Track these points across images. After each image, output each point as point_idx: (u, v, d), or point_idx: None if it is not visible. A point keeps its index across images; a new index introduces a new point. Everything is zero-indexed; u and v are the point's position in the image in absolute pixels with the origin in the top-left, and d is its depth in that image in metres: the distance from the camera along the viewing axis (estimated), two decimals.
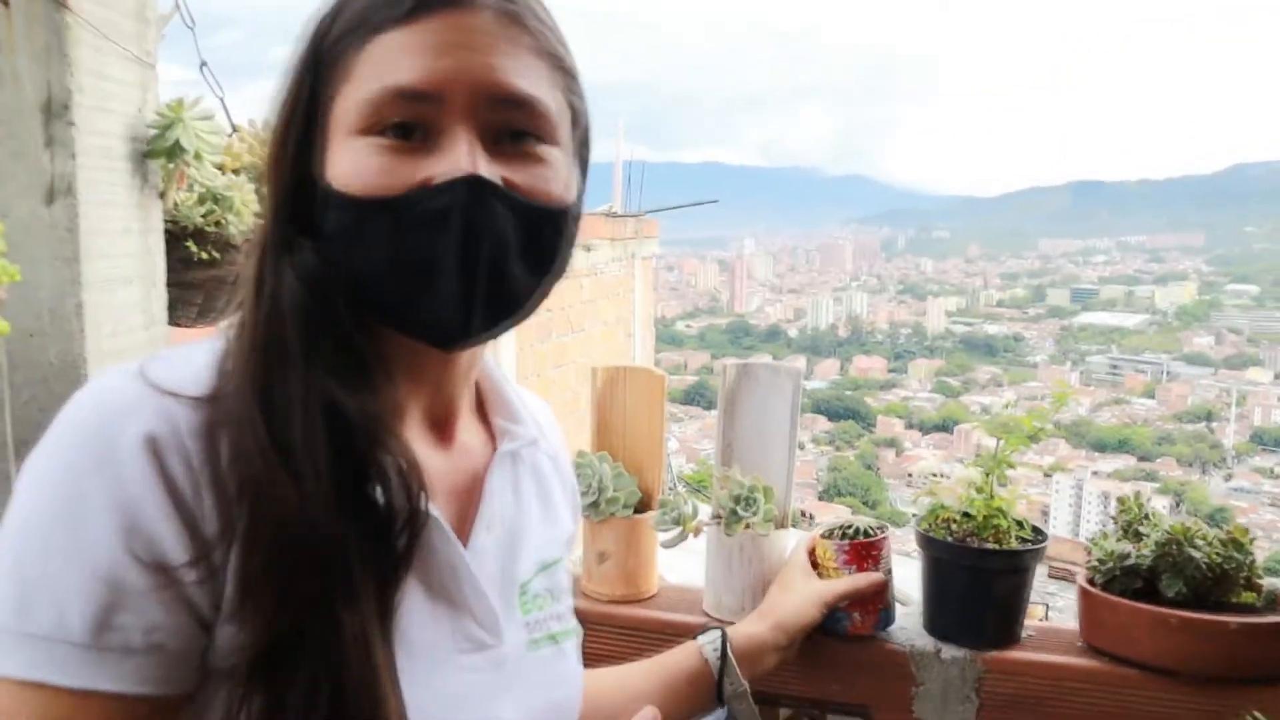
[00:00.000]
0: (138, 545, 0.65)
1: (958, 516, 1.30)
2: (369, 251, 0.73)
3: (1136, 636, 1.22)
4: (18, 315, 1.28)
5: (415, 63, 0.71)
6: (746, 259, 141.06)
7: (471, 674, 0.80)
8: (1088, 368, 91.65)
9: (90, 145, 1.32)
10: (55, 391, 1.32)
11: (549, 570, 0.92)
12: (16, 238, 1.26)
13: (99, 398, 0.69)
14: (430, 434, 0.85)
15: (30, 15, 1.27)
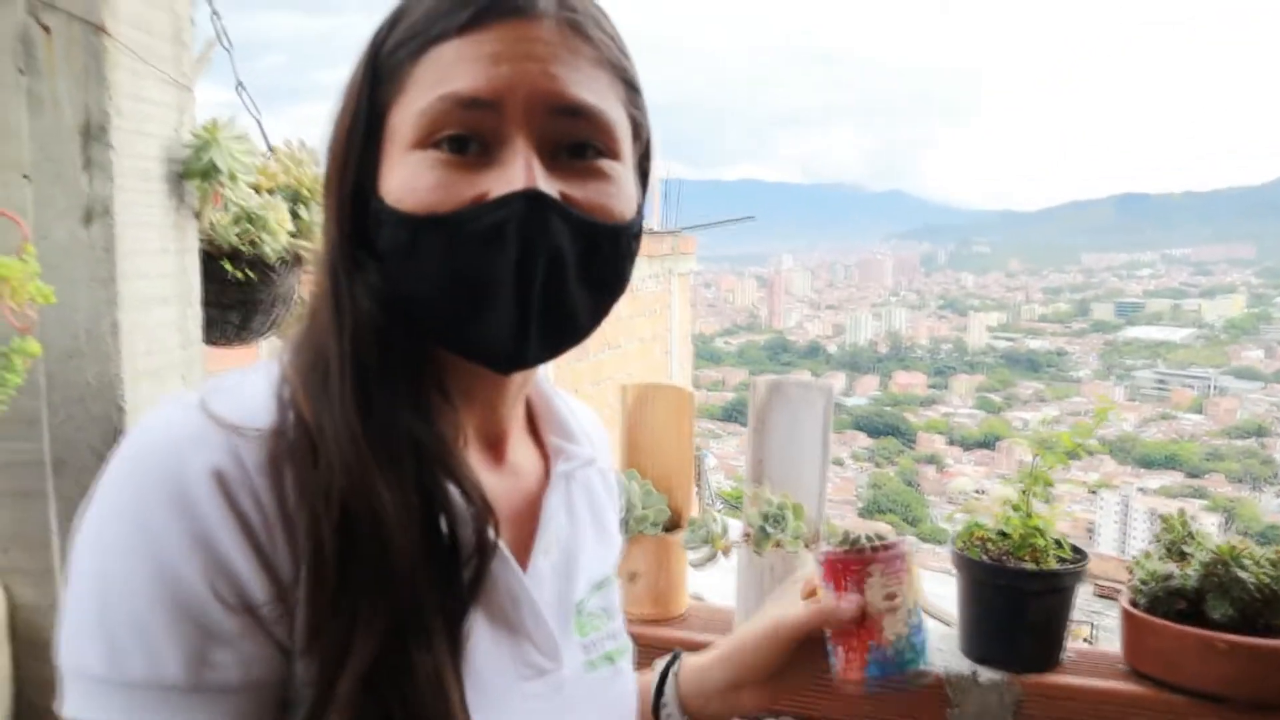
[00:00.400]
0: (220, 583, 0.64)
1: (994, 536, 1.28)
2: (423, 271, 0.70)
3: (1182, 661, 1.19)
4: (55, 336, 1.29)
5: (472, 71, 0.68)
6: (785, 275, 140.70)
7: (534, 701, 0.78)
8: (1133, 383, 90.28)
9: (128, 167, 1.34)
10: (92, 411, 1.34)
11: (602, 589, 0.91)
12: (55, 259, 1.28)
13: (163, 431, 0.67)
14: (484, 454, 0.83)
15: (70, 40, 1.29)
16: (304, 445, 0.68)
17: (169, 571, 0.63)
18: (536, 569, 0.80)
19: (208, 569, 0.64)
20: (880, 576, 0.90)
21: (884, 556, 0.91)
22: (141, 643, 0.63)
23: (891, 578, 0.91)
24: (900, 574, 0.91)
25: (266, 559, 0.65)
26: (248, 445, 0.66)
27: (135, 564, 0.64)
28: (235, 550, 0.64)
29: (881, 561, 0.90)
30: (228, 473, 0.65)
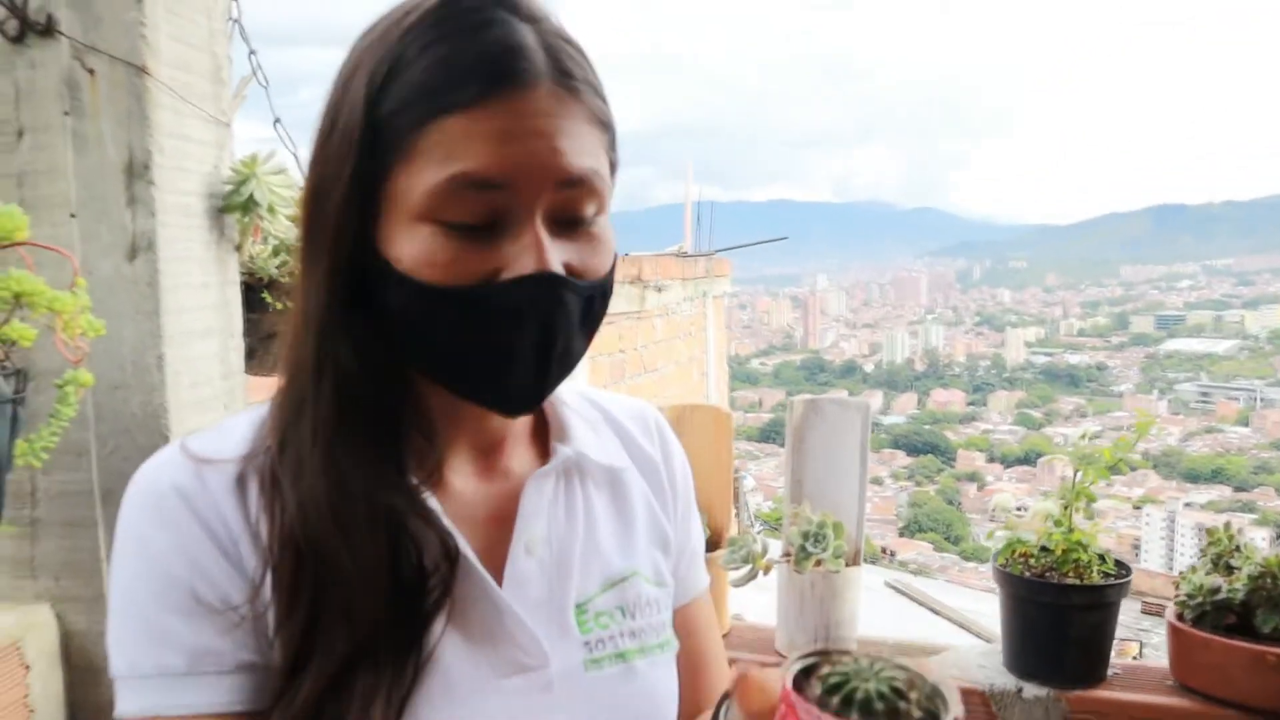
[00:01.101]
0: (202, 583, 0.74)
1: (1035, 551, 1.27)
2: (443, 337, 0.75)
3: (1231, 675, 1.17)
4: (103, 368, 1.32)
5: (482, 151, 0.70)
6: (820, 295, 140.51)
7: (514, 696, 0.80)
8: (1176, 396, 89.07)
9: (169, 203, 1.37)
10: (138, 442, 1.37)
11: (619, 586, 0.90)
12: (100, 294, 1.31)
13: (145, 468, 0.79)
14: (475, 462, 0.87)
15: (113, 81, 1.32)
16: (266, 467, 0.77)
17: (163, 573, 0.74)
18: (516, 570, 0.83)
19: (191, 569, 0.74)
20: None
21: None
22: (147, 640, 0.74)
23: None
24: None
25: (238, 563, 0.75)
26: (213, 470, 0.77)
27: (135, 577, 0.76)
28: (208, 555, 0.75)
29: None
30: (190, 489, 0.76)
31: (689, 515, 1.04)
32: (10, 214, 1.00)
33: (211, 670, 0.74)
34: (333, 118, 0.77)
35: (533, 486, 0.86)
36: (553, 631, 0.84)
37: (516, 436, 0.90)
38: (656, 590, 0.94)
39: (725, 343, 9.10)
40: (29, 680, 1.35)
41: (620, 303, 5.33)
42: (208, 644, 0.74)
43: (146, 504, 0.76)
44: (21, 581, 1.41)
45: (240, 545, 0.75)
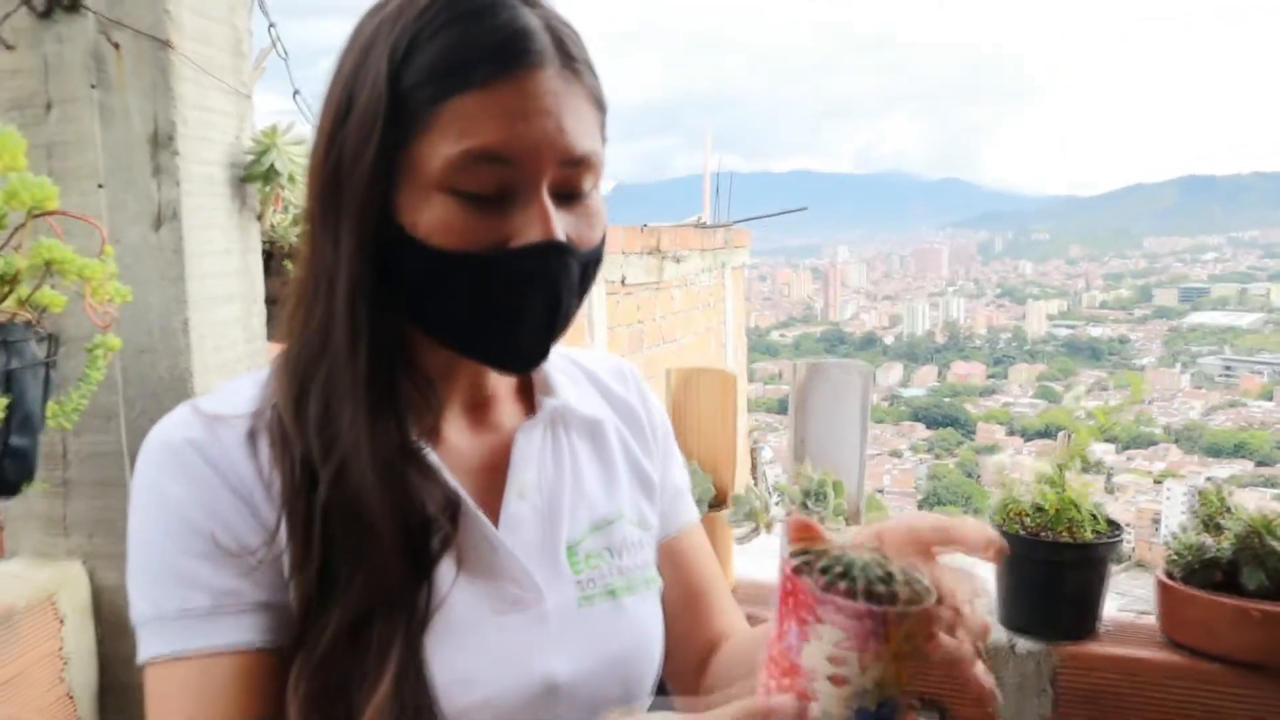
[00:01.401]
0: (219, 529, 0.79)
1: (1030, 510, 1.31)
2: (457, 300, 0.80)
3: (1217, 630, 1.21)
4: (130, 333, 1.37)
5: (495, 127, 0.76)
6: (840, 267, 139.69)
7: (512, 631, 0.85)
8: (1199, 369, 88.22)
9: (193, 173, 1.41)
10: (165, 404, 1.41)
11: (605, 528, 0.96)
12: (128, 261, 1.36)
13: (159, 427, 0.83)
14: (467, 415, 0.93)
15: (138, 56, 1.36)
16: (274, 422, 0.82)
17: (183, 521, 0.79)
18: (510, 514, 0.89)
19: (209, 516, 0.79)
20: (829, 632, 0.58)
21: (849, 617, 0.58)
22: (171, 583, 0.78)
23: (850, 653, 0.58)
24: (868, 651, 0.58)
25: (254, 510, 0.80)
26: (225, 426, 0.82)
27: (154, 526, 0.80)
28: (225, 503, 0.79)
29: (840, 613, 0.58)
30: (204, 442, 0.80)
31: (669, 455, 1.10)
32: (41, 185, 1.04)
33: (233, 609, 0.78)
34: (349, 92, 0.80)
35: (523, 437, 0.92)
36: (547, 571, 0.89)
37: (504, 392, 0.97)
38: (640, 532, 1.00)
39: (744, 314, 9.09)
40: (63, 633, 1.41)
41: (639, 273, 5.35)
42: (228, 584, 0.78)
43: (163, 458, 0.81)
44: (55, 539, 1.47)
45: (255, 494, 0.80)
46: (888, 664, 0.58)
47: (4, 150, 1.02)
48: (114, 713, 1.47)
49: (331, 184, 0.81)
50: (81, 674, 1.44)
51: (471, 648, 0.83)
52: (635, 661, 0.94)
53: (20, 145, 1.03)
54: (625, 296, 5.20)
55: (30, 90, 1.37)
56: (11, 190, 1.02)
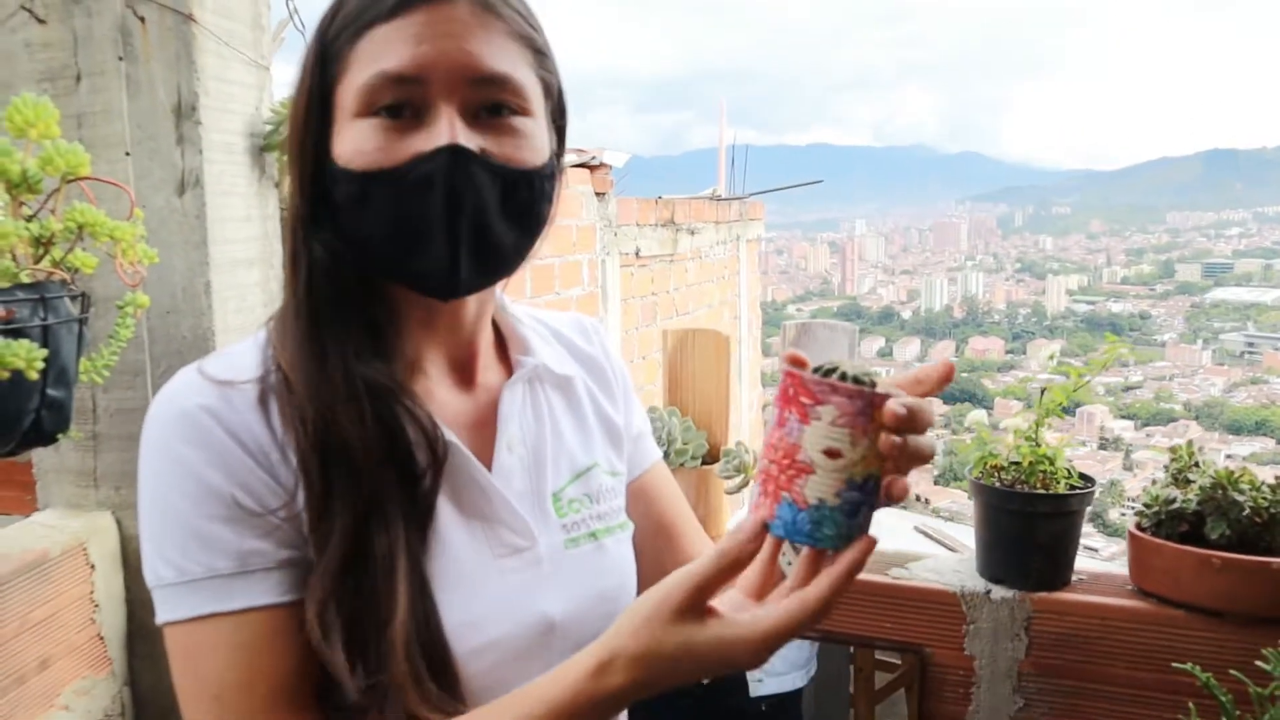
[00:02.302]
0: (240, 491, 0.81)
1: (1006, 465, 1.37)
2: (373, 218, 0.85)
3: (1182, 578, 1.27)
4: (156, 294, 1.43)
5: (401, 51, 0.82)
6: (858, 240, 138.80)
7: (511, 575, 0.91)
8: (1221, 345, 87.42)
9: (215, 142, 1.46)
10: (188, 362, 1.48)
11: (583, 477, 1.03)
12: (154, 226, 1.42)
13: (169, 391, 0.85)
14: (453, 376, 0.98)
15: (162, 28, 1.41)
16: (282, 384, 0.84)
17: (203, 485, 0.80)
18: (501, 463, 0.95)
19: (229, 480, 0.80)
20: (828, 421, 0.67)
21: (842, 397, 0.67)
22: (196, 547, 0.80)
23: (843, 428, 0.67)
24: (858, 429, 0.67)
25: (272, 472, 0.82)
26: (236, 392, 0.83)
27: (172, 491, 0.81)
28: (244, 466, 0.81)
29: (838, 401, 0.67)
30: (218, 407, 0.82)
31: (630, 402, 1.15)
32: (74, 151, 1.09)
33: (258, 568, 0.81)
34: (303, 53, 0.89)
35: (507, 394, 0.98)
36: (537, 516, 0.95)
37: (486, 352, 1.01)
38: (612, 480, 1.07)
39: (758, 287, 9.09)
40: (94, 579, 1.48)
41: (652, 245, 5.38)
42: (251, 545, 0.81)
43: (178, 424, 0.81)
44: (86, 490, 1.53)
45: (271, 456, 0.82)
46: (873, 440, 0.67)
47: (39, 119, 1.07)
48: (140, 655, 1.55)
49: (289, 140, 0.89)
50: (111, 618, 1.51)
51: (478, 591, 0.88)
52: (618, 598, 1.00)
53: (54, 115, 1.09)
54: (639, 269, 5.24)
55: (61, 63, 1.43)
56: (46, 157, 1.08)
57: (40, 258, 1.11)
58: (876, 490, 0.69)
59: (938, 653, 1.39)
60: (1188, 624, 1.27)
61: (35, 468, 1.56)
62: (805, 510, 0.69)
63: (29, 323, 1.05)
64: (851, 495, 0.68)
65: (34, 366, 1.01)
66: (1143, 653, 1.30)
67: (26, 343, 1.01)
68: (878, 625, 1.42)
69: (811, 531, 0.69)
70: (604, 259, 4.51)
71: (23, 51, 1.43)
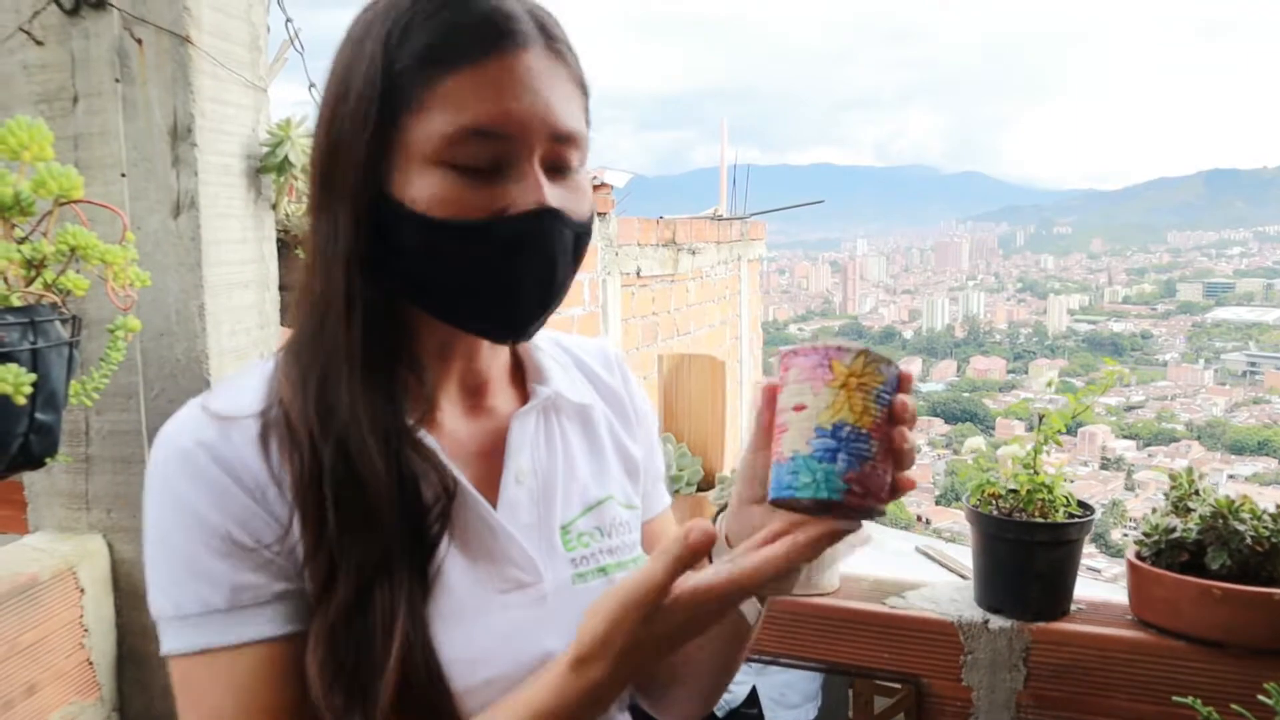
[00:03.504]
0: (235, 526, 0.80)
1: (1004, 492, 1.35)
2: (450, 268, 0.83)
3: (1182, 608, 1.26)
4: (149, 317, 1.42)
5: (488, 105, 0.80)
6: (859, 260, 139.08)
7: (515, 610, 0.89)
8: (1223, 365, 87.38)
9: (211, 163, 1.46)
10: (182, 385, 1.47)
11: (596, 509, 1.00)
12: (148, 248, 1.41)
13: (170, 427, 0.85)
14: (463, 402, 0.96)
15: (159, 50, 1.41)
16: (282, 419, 0.84)
17: (199, 521, 0.80)
18: (508, 497, 0.93)
19: (224, 516, 0.80)
20: (794, 382, 0.74)
21: (795, 359, 0.75)
22: (191, 582, 0.80)
23: (805, 383, 0.73)
24: (817, 382, 0.73)
25: (267, 507, 0.81)
26: (236, 427, 0.83)
27: (171, 527, 0.81)
28: (239, 502, 0.81)
29: (798, 361, 0.75)
30: (216, 444, 0.81)
31: (652, 439, 1.13)
32: (67, 174, 1.09)
33: (252, 602, 0.81)
34: (346, 79, 0.84)
35: (517, 423, 0.96)
36: (544, 551, 0.93)
37: (498, 378, 1.00)
38: (627, 513, 1.04)
39: (759, 307, 9.09)
40: (84, 603, 1.46)
41: (653, 265, 5.38)
42: (246, 580, 0.80)
43: (175, 461, 0.82)
44: (77, 513, 1.52)
45: (267, 492, 0.81)
46: (836, 392, 0.71)
47: (33, 142, 1.07)
48: (130, 680, 1.53)
49: (328, 168, 0.85)
50: (101, 643, 1.49)
51: (478, 628, 0.87)
52: None
53: (47, 137, 1.08)
54: (640, 288, 5.24)
55: (59, 84, 1.42)
56: (40, 180, 1.07)
57: (32, 280, 1.10)
58: (859, 439, 0.71)
59: (935, 683, 1.38)
60: (1188, 655, 1.26)
61: (26, 490, 1.55)
62: (784, 464, 0.72)
63: (18, 346, 1.04)
64: (823, 442, 0.71)
65: (22, 391, 1.01)
66: (1143, 684, 1.28)
67: (15, 367, 1.01)
68: (875, 655, 1.40)
69: (791, 483, 0.72)
70: (605, 279, 4.51)
71: (20, 73, 1.43)
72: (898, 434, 0.73)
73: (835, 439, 0.71)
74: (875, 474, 0.71)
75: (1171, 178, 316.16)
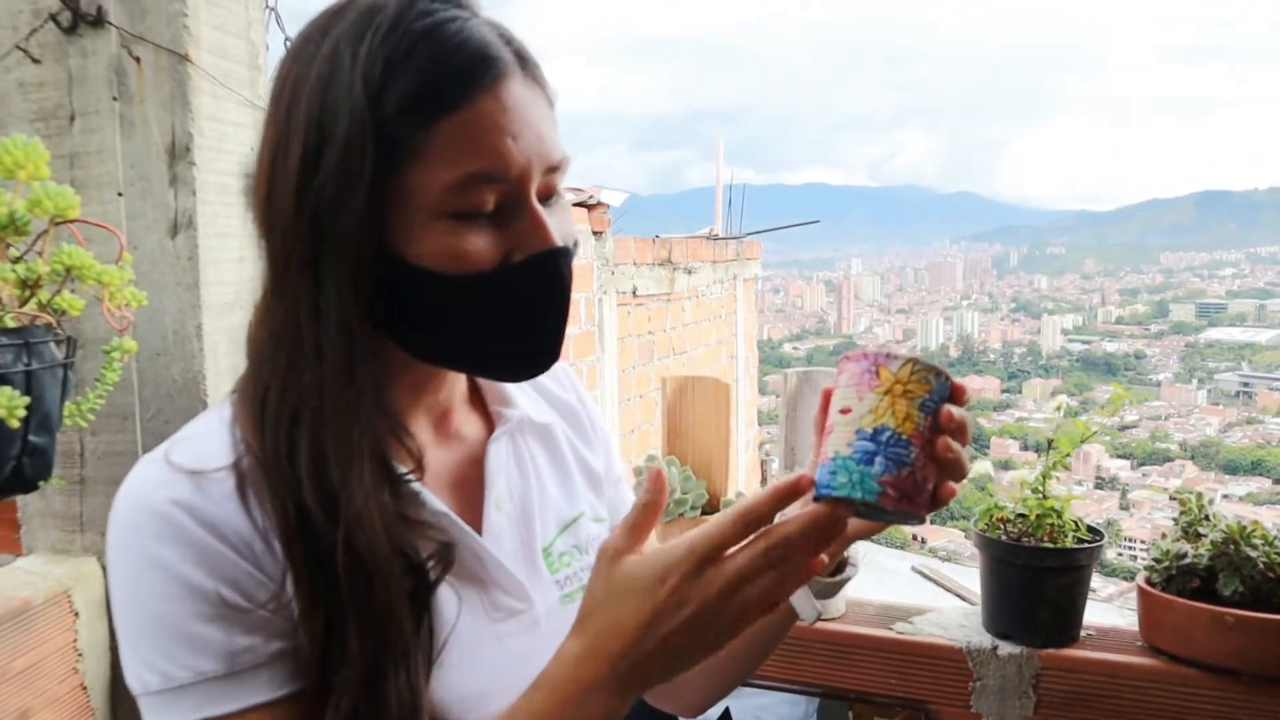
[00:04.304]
0: (225, 586, 0.75)
1: (1013, 517, 1.34)
2: (465, 323, 0.81)
3: (1194, 635, 1.24)
4: (146, 337, 1.41)
5: (486, 148, 0.76)
6: (853, 279, 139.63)
7: (510, 640, 0.88)
8: (1216, 386, 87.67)
9: (208, 182, 1.44)
10: (178, 405, 1.45)
11: (571, 528, 1.00)
12: (145, 267, 1.40)
13: (133, 490, 0.78)
14: (432, 430, 0.94)
15: (158, 68, 1.40)
16: (256, 469, 0.78)
17: (186, 585, 0.75)
18: (491, 524, 0.91)
19: (212, 576, 0.75)
20: (844, 386, 0.77)
21: (847, 364, 0.77)
22: (182, 650, 0.75)
23: (852, 388, 0.76)
24: (863, 387, 0.75)
25: (256, 564, 0.77)
26: (210, 482, 0.77)
27: (158, 589, 0.75)
28: (226, 561, 0.76)
29: (848, 367, 0.77)
30: (192, 502, 0.76)
31: (608, 445, 1.13)
32: (63, 194, 1.07)
33: (248, 665, 0.76)
34: (321, 122, 0.76)
35: (493, 450, 0.95)
36: (530, 575, 0.92)
37: (459, 403, 0.97)
38: (598, 526, 1.04)
39: (755, 326, 9.10)
40: (78, 626, 1.44)
41: (650, 284, 5.39)
42: (241, 643, 0.76)
43: (150, 523, 0.75)
44: (71, 535, 1.50)
45: (255, 547, 0.77)
46: (880, 397, 0.73)
47: (28, 160, 1.05)
48: (125, 706, 1.51)
49: (311, 224, 0.76)
50: (95, 667, 1.47)
51: (481, 661, 0.85)
52: None
53: (43, 156, 1.07)
54: (636, 307, 5.23)
55: (55, 102, 1.41)
56: (35, 199, 1.06)
57: (26, 300, 1.09)
58: (898, 444, 0.72)
59: (943, 710, 1.36)
60: (1200, 683, 1.24)
61: (20, 512, 1.53)
62: (826, 464, 0.74)
63: (12, 368, 1.02)
64: (863, 444, 0.73)
65: (15, 414, 0.99)
66: (1154, 712, 1.26)
67: (8, 389, 0.99)
68: (881, 681, 1.38)
69: (829, 481, 0.73)
70: (601, 298, 4.50)
71: (16, 91, 1.42)
72: (941, 443, 0.72)
73: (875, 442, 0.72)
74: (913, 479, 0.72)
75: (1164, 199, 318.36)
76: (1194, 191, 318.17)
